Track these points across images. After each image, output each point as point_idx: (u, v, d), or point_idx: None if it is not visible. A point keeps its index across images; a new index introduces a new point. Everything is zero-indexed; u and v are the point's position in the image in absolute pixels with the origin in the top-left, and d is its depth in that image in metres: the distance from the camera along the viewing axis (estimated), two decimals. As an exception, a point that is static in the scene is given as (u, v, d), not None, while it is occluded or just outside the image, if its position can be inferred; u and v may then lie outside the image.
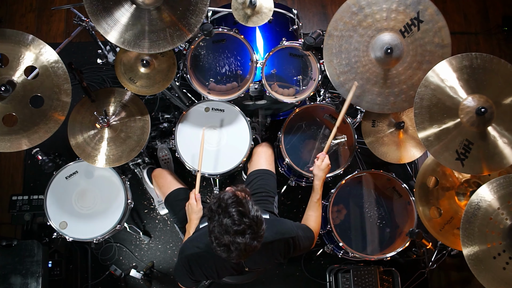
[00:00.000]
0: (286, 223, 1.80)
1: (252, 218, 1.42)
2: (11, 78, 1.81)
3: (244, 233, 1.40)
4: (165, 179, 2.29)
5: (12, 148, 1.85)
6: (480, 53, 1.73)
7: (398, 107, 1.97)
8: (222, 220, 1.41)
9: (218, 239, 1.42)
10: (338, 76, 1.92)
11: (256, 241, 1.43)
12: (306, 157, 2.42)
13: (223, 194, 1.47)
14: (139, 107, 2.21)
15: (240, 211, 1.41)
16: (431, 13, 1.83)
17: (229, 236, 1.39)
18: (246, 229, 1.40)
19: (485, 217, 1.69)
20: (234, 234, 1.39)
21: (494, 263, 1.66)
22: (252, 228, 1.41)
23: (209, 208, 1.47)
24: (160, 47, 1.82)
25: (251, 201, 1.48)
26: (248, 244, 1.40)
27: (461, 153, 1.76)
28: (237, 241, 1.39)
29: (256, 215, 1.44)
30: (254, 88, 2.24)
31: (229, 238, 1.39)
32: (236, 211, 1.41)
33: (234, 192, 1.47)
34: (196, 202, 1.94)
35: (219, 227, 1.41)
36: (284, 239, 1.70)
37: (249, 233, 1.40)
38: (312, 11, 3.32)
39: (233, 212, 1.40)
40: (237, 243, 1.39)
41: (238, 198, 1.44)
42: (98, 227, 2.24)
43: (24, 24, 3.16)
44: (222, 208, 1.42)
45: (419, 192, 2.11)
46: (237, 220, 1.39)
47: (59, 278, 2.56)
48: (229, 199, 1.43)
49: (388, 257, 2.22)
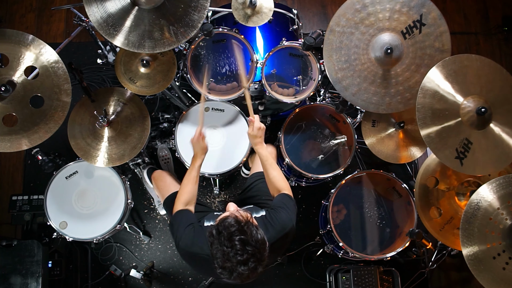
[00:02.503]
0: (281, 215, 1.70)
1: (255, 245, 1.38)
2: (11, 78, 1.81)
3: (247, 262, 1.37)
4: (164, 182, 2.28)
5: (12, 148, 1.84)
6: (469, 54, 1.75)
7: (393, 108, 1.97)
8: (224, 250, 1.38)
9: (220, 266, 1.40)
10: (336, 72, 1.92)
11: (261, 266, 1.40)
12: (306, 157, 2.42)
13: (224, 220, 1.43)
14: (139, 107, 2.21)
15: (242, 240, 1.37)
16: (434, 17, 1.83)
17: (232, 265, 1.37)
18: (249, 258, 1.37)
19: (485, 217, 1.69)
20: (237, 263, 1.37)
21: (493, 263, 1.66)
22: (255, 256, 1.38)
23: (210, 233, 1.44)
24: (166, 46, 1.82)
25: (253, 223, 1.44)
26: (251, 271, 1.38)
27: (461, 151, 1.76)
28: (239, 271, 1.37)
29: (259, 240, 1.41)
30: (254, 88, 2.24)
31: (232, 266, 1.37)
32: (239, 240, 1.37)
33: (236, 218, 1.43)
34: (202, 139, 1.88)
35: (221, 255, 1.38)
36: (285, 233, 1.66)
37: (252, 261, 1.37)
38: (312, 11, 3.32)
39: (236, 241, 1.37)
40: (239, 272, 1.37)
41: (240, 226, 1.40)
42: (98, 227, 2.24)
43: (24, 24, 3.16)
44: (224, 237, 1.39)
45: (419, 192, 2.11)
46: (240, 250, 1.36)
47: (59, 278, 2.56)
48: (231, 226, 1.39)
49: (388, 257, 2.22)
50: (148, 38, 1.82)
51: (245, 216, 1.45)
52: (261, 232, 1.44)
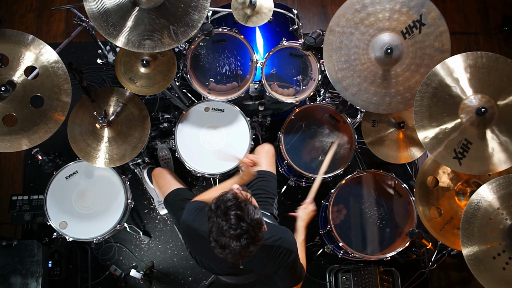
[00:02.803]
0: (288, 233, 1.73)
1: (250, 222, 1.39)
2: (11, 78, 1.82)
3: (239, 238, 1.37)
4: (164, 179, 2.28)
5: (12, 148, 1.85)
6: (485, 52, 1.71)
7: (393, 108, 1.97)
8: (219, 223, 1.39)
9: (215, 240, 1.41)
10: (336, 72, 1.92)
11: (253, 245, 1.40)
12: (306, 157, 2.42)
13: (223, 195, 1.45)
14: (139, 107, 2.21)
15: (238, 215, 1.38)
16: (434, 17, 1.83)
17: (225, 239, 1.38)
18: (242, 234, 1.37)
19: (485, 217, 1.69)
20: (230, 237, 1.37)
21: (493, 263, 1.65)
22: (249, 233, 1.38)
23: (209, 207, 1.46)
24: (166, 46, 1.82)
25: (251, 203, 1.45)
26: (243, 248, 1.38)
27: (459, 152, 1.76)
28: (232, 245, 1.38)
29: (255, 219, 1.41)
30: (254, 88, 2.24)
31: (225, 240, 1.38)
32: (234, 214, 1.38)
33: (235, 194, 1.44)
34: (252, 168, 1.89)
35: (216, 228, 1.40)
36: (285, 249, 1.65)
37: (245, 237, 1.38)
38: (312, 11, 3.32)
39: (231, 215, 1.38)
40: (232, 247, 1.38)
41: (237, 201, 1.41)
42: (98, 227, 2.24)
43: (24, 24, 3.16)
44: (220, 210, 1.41)
45: (419, 192, 2.11)
46: (234, 224, 1.37)
47: (59, 278, 2.56)
48: (228, 201, 1.41)
49: (388, 257, 2.22)
50: (148, 38, 1.82)
51: (244, 194, 1.46)
52: (259, 213, 1.45)
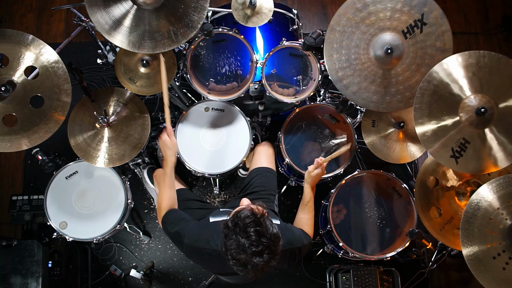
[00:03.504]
0: (294, 232, 1.77)
1: (270, 238, 1.39)
2: (11, 78, 1.81)
3: (262, 254, 1.38)
4: None
5: (12, 148, 1.84)
6: (488, 52, 1.70)
7: (393, 107, 1.97)
8: (240, 240, 1.38)
9: (235, 258, 1.40)
10: (337, 71, 1.92)
11: (274, 259, 1.41)
12: (306, 157, 2.42)
13: (240, 212, 1.44)
14: (139, 107, 2.21)
15: (258, 231, 1.38)
16: (436, 16, 1.82)
17: (246, 256, 1.38)
18: (264, 250, 1.38)
19: (485, 217, 1.68)
20: (252, 255, 1.37)
21: (494, 263, 1.65)
22: (270, 248, 1.39)
23: (225, 225, 1.45)
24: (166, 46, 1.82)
25: (268, 218, 1.45)
26: (265, 263, 1.39)
27: (457, 151, 1.76)
28: (254, 262, 1.37)
29: (274, 233, 1.42)
30: (254, 88, 2.24)
31: (246, 257, 1.38)
32: (254, 231, 1.38)
33: (252, 210, 1.44)
34: (169, 137, 1.86)
35: (236, 247, 1.39)
36: (292, 249, 1.68)
37: (267, 253, 1.38)
38: (312, 11, 3.32)
39: (251, 232, 1.38)
40: (254, 264, 1.38)
41: (256, 217, 1.41)
42: (98, 227, 2.24)
43: (24, 24, 3.16)
44: (239, 228, 1.40)
45: (419, 192, 2.11)
46: (255, 241, 1.37)
47: (59, 278, 2.56)
48: (246, 218, 1.40)
49: (388, 257, 2.22)
50: (148, 38, 1.82)
51: (261, 209, 1.46)
52: (275, 226, 1.45)
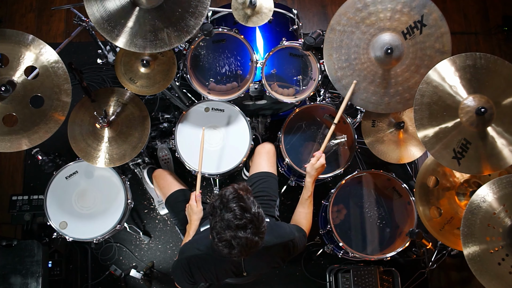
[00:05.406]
0: (284, 226, 1.80)
1: (253, 213, 1.43)
2: (11, 78, 1.81)
3: (245, 228, 1.41)
4: (165, 180, 2.29)
5: (12, 148, 1.85)
6: (484, 54, 1.72)
7: (392, 108, 1.97)
8: (224, 215, 1.42)
9: (220, 235, 1.42)
10: (336, 71, 1.93)
11: (258, 237, 1.43)
12: (306, 157, 2.42)
13: (224, 191, 1.49)
14: (139, 107, 2.21)
15: (242, 206, 1.42)
16: (435, 18, 1.83)
17: (230, 231, 1.40)
18: (247, 224, 1.41)
19: (485, 217, 1.69)
20: (235, 228, 1.40)
21: (494, 263, 1.65)
22: (254, 223, 1.42)
23: (211, 205, 1.50)
24: (157, 47, 1.82)
25: (252, 198, 1.49)
26: (249, 239, 1.41)
27: (458, 152, 1.76)
28: (238, 236, 1.40)
29: (258, 212, 1.46)
30: (254, 88, 2.24)
31: (230, 233, 1.40)
32: (238, 206, 1.42)
33: (236, 189, 1.48)
34: (197, 203, 1.95)
35: (220, 222, 1.43)
36: (284, 243, 1.71)
37: (250, 227, 1.41)
38: (312, 11, 3.32)
39: (235, 207, 1.42)
40: (238, 238, 1.40)
41: (239, 194, 1.46)
42: (98, 227, 2.24)
43: (24, 24, 3.16)
44: (223, 204, 1.44)
45: (419, 192, 2.11)
46: (238, 214, 1.41)
47: (59, 278, 2.56)
48: (230, 194, 1.45)
49: (388, 257, 2.22)
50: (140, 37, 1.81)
51: (244, 188, 1.50)
52: (259, 206, 1.48)
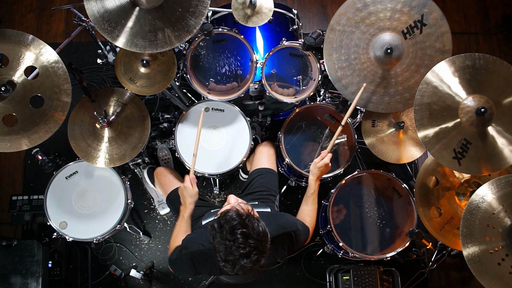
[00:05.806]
0: (287, 216, 1.79)
1: (257, 238, 1.40)
2: (11, 78, 1.81)
3: (249, 255, 1.38)
4: (167, 178, 2.30)
5: (12, 148, 1.84)
6: (483, 54, 1.72)
7: (392, 108, 1.97)
8: (227, 244, 1.39)
9: (223, 259, 1.41)
10: (336, 71, 1.92)
11: (262, 257, 1.42)
12: (306, 157, 2.42)
13: (225, 214, 1.44)
14: (139, 107, 2.20)
15: (244, 233, 1.38)
16: (436, 17, 1.82)
17: (234, 258, 1.39)
18: (251, 251, 1.38)
19: (485, 217, 1.69)
20: (239, 256, 1.38)
21: (494, 263, 1.65)
22: (258, 248, 1.39)
23: (212, 227, 1.45)
24: (158, 47, 1.81)
25: (254, 216, 1.45)
26: (254, 263, 1.40)
27: (459, 152, 1.76)
28: (242, 264, 1.38)
29: (261, 232, 1.42)
30: (254, 88, 2.24)
31: (234, 259, 1.39)
32: (241, 233, 1.38)
33: (237, 211, 1.44)
34: (192, 185, 1.87)
35: (224, 249, 1.40)
36: (287, 233, 1.69)
37: (254, 253, 1.39)
38: (312, 11, 3.32)
39: (238, 235, 1.38)
40: (242, 265, 1.39)
41: (241, 219, 1.41)
42: (98, 227, 2.24)
43: (24, 24, 3.16)
44: (225, 230, 1.40)
45: (419, 192, 2.11)
46: (242, 243, 1.37)
47: (59, 278, 2.56)
48: (232, 220, 1.41)
49: (388, 257, 2.22)
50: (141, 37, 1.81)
51: (246, 209, 1.46)
52: (262, 224, 1.46)
